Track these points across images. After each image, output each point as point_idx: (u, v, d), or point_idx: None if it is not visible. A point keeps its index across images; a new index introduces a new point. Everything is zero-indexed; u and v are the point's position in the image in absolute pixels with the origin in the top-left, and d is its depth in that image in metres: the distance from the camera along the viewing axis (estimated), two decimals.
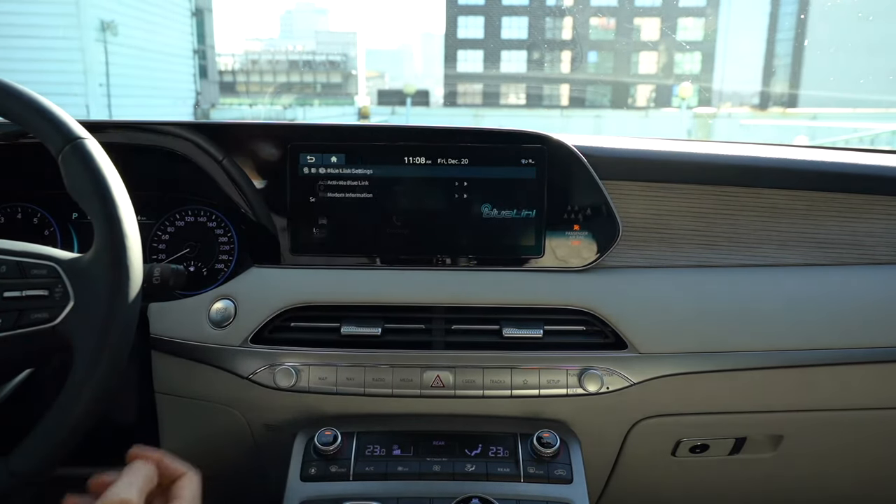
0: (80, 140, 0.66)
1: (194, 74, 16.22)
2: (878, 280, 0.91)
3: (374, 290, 0.86)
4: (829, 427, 0.94)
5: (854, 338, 0.88)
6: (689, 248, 0.92)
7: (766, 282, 0.90)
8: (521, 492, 0.77)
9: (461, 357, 0.85)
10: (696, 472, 0.99)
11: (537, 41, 31.43)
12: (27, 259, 0.66)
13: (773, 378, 0.87)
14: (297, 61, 51.34)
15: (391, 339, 0.86)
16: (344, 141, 0.87)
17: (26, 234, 0.98)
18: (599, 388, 0.84)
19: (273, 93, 47.91)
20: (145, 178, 0.90)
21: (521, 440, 0.83)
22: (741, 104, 26.82)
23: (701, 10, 33.79)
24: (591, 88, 30.97)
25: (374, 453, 0.81)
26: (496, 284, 0.87)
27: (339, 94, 45.08)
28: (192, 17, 16.21)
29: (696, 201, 0.91)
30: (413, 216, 0.88)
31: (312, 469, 0.79)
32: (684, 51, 34.68)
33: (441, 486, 0.78)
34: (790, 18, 25.89)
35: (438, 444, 0.83)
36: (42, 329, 0.65)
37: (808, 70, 22.78)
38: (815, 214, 0.93)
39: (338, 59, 52.19)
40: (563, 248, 0.88)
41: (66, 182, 0.66)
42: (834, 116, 13.81)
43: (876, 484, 1.05)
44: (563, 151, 0.87)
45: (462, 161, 0.87)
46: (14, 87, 0.67)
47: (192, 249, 0.97)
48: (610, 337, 0.86)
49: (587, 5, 31.94)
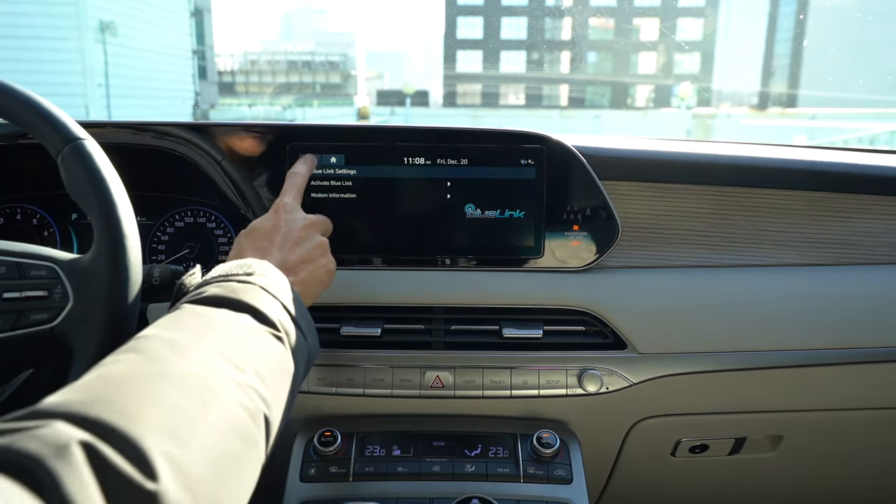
0: (80, 141, 0.66)
1: (193, 75, 16.23)
2: (877, 280, 0.92)
3: (373, 291, 0.86)
4: (828, 427, 0.95)
5: (853, 338, 0.88)
6: (688, 249, 0.92)
7: (765, 282, 0.90)
8: (520, 492, 0.77)
9: (461, 357, 0.85)
10: (695, 472, 0.99)
11: (536, 41, 31.42)
12: (27, 260, 0.66)
13: (772, 378, 0.87)
14: (296, 62, 51.32)
15: (391, 339, 0.86)
16: (343, 141, 0.87)
17: (26, 235, 0.98)
18: (599, 388, 0.84)
19: (272, 93, 47.89)
20: (145, 178, 0.90)
21: (520, 440, 0.83)
22: (740, 104, 26.85)
23: (700, 11, 33.81)
24: (591, 89, 30.99)
25: (373, 454, 0.81)
26: (496, 285, 0.88)
27: (338, 95, 45.07)
28: (192, 18, 16.22)
29: (695, 201, 0.91)
30: (412, 216, 0.88)
31: (312, 469, 0.79)
32: (683, 51, 34.70)
33: (441, 487, 0.78)
34: (789, 19, 25.91)
35: (438, 444, 0.83)
36: (41, 330, 0.65)
37: (807, 70, 22.80)
38: (813, 214, 0.93)
39: (337, 60, 52.18)
40: (562, 249, 0.88)
41: (65, 183, 0.66)
42: (833, 116, 13.83)
43: (875, 484, 1.05)
44: (562, 152, 0.87)
45: (461, 161, 0.87)
46: (13, 88, 0.67)
47: (191, 250, 0.97)
48: (609, 337, 0.86)
49: (586, 6, 31.96)
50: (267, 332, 0.54)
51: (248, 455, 0.45)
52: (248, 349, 0.50)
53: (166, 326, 0.50)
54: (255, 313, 0.54)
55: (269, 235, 0.71)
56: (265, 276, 0.60)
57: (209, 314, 0.53)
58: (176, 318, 0.51)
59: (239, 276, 0.59)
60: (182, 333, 0.48)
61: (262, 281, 0.59)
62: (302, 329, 0.59)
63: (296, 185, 0.80)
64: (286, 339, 0.56)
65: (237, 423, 0.44)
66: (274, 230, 0.71)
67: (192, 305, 0.54)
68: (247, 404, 0.46)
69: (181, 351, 0.46)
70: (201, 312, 0.53)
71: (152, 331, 0.48)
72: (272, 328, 0.55)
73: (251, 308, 0.55)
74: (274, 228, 0.71)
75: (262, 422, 0.47)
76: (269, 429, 0.48)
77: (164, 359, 0.44)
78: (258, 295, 0.56)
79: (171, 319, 0.51)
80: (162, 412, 0.39)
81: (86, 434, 0.34)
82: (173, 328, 0.49)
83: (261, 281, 0.59)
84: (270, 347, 0.53)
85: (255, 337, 0.53)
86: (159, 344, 0.46)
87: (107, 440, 0.34)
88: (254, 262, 0.62)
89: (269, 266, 0.63)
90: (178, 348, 0.46)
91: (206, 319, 0.52)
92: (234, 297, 0.55)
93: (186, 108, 15.64)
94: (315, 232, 0.74)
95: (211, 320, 0.52)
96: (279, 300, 0.58)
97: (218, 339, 0.49)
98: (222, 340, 0.49)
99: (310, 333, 0.61)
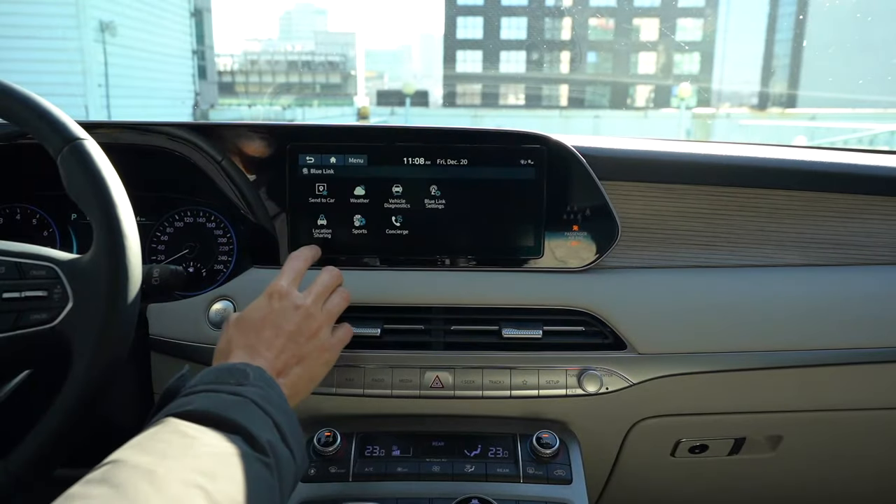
0: (79, 141, 0.66)
1: (193, 75, 16.22)
2: (877, 280, 0.92)
3: (373, 291, 0.86)
4: (828, 427, 0.95)
5: (853, 338, 0.88)
6: (687, 249, 0.92)
7: (764, 282, 0.90)
8: (520, 492, 0.77)
9: (460, 358, 0.85)
10: (695, 472, 0.99)
11: (536, 42, 31.42)
12: (26, 260, 0.66)
13: (772, 378, 0.87)
14: (296, 62, 51.32)
15: (390, 339, 0.86)
16: (343, 141, 0.87)
17: (25, 235, 0.98)
18: (599, 388, 0.84)
19: (272, 93, 47.89)
20: (144, 178, 0.90)
21: (520, 441, 0.83)
22: (740, 104, 26.87)
23: (700, 11, 33.82)
24: (590, 89, 30.99)
25: (373, 454, 0.81)
26: (495, 285, 0.87)
27: (338, 95, 45.08)
28: (191, 18, 16.21)
29: (695, 202, 0.91)
30: (412, 216, 0.88)
31: (312, 470, 0.79)
32: (683, 51, 34.70)
33: (440, 487, 0.78)
34: (789, 19, 25.92)
35: (438, 444, 0.83)
36: (41, 330, 0.65)
37: (807, 70, 22.81)
38: (813, 215, 0.93)
39: (337, 60, 52.18)
40: (562, 249, 0.88)
41: (64, 183, 0.66)
42: (832, 117, 13.84)
43: (876, 484, 1.05)
44: (562, 152, 0.87)
45: (461, 161, 0.87)
46: (13, 88, 0.67)
47: (191, 250, 0.97)
48: (609, 337, 0.86)
49: (586, 6, 31.96)
50: (256, 459, 0.50)
51: None
52: (233, 482, 0.46)
53: (144, 448, 0.46)
54: (244, 435, 0.51)
55: (258, 329, 0.67)
56: (257, 387, 0.57)
57: (193, 435, 0.49)
58: (156, 434, 0.48)
59: (230, 384, 0.56)
60: (162, 462, 0.44)
61: (255, 394, 0.56)
62: (291, 448, 0.56)
63: (294, 268, 0.75)
64: (274, 467, 0.52)
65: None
66: (263, 323, 0.67)
67: (176, 420, 0.50)
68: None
69: (157, 485, 0.42)
70: (185, 431, 0.49)
71: (129, 454, 0.45)
72: (262, 454, 0.51)
73: (241, 429, 0.51)
74: (263, 321, 0.68)
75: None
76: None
77: (137, 493, 0.41)
78: (249, 411, 0.53)
79: (150, 436, 0.48)
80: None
81: None
82: (152, 451, 0.46)
83: (253, 394, 0.55)
84: (257, 479, 0.49)
85: (242, 467, 0.48)
86: (135, 475, 0.43)
87: None
88: (247, 367, 0.59)
89: (262, 372, 0.60)
90: (154, 480, 0.42)
91: (190, 441, 0.48)
92: (223, 416, 0.51)
93: (186, 108, 15.63)
94: (313, 318, 0.70)
95: (194, 442, 0.48)
96: (271, 417, 0.55)
97: (199, 469, 0.45)
98: (205, 471, 0.45)
99: (298, 450, 0.58)
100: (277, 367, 0.65)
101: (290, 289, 0.72)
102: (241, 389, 0.55)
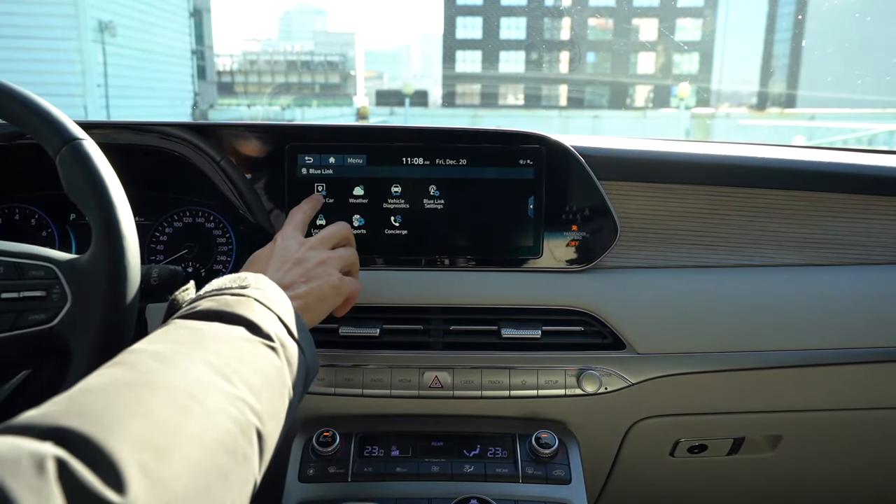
0: (78, 141, 0.66)
1: (192, 75, 16.23)
2: (876, 280, 0.92)
3: (372, 291, 0.86)
4: (827, 427, 0.95)
5: (852, 338, 0.88)
6: (687, 249, 0.92)
7: (763, 282, 0.90)
8: (519, 492, 0.77)
9: (460, 358, 0.85)
10: (694, 472, 0.99)
11: (535, 42, 31.43)
12: (25, 260, 0.66)
13: (771, 378, 0.87)
14: (295, 62, 51.31)
15: (389, 339, 0.86)
16: (342, 141, 0.87)
17: (24, 235, 0.98)
18: (598, 388, 0.84)
19: (271, 93, 47.89)
20: (143, 179, 0.90)
21: (519, 441, 0.83)
22: (739, 104, 26.87)
23: (699, 11, 33.83)
24: (590, 89, 30.99)
25: (372, 454, 0.81)
26: (494, 285, 0.87)
27: (337, 95, 45.08)
28: (191, 18, 16.22)
29: (694, 202, 0.91)
30: (411, 217, 0.88)
31: (311, 470, 0.79)
32: (682, 51, 34.72)
33: (440, 487, 0.78)
34: (788, 19, 25.93)
35: (437, 444, 0.83)
36: (40, 330, 0.65)
37: (806, 70, 22.80)
38: (812, 215, 0.93)
39: (336, 60, 52.16)
40: (561, 249, 0.88)
41: (63, 183, 0.66)
42: (832, 117, 13.84)
43: (874, 484, 1.05)
44: (561, 152, 0.87)
45: (460, 161, 0.87)
46: (11, 88, 0.67)
47: (190, 250, 0.97)
48: (608, 337, 0.86)
49: (585, 6, 31.96)
50: (261, 343, 0.52)
51: (237, 471, 0.42)
52: (239, 360, 0.49)
53: (154, 340, 0.48)
54: (248, 325, 0.53)
55: (266, 259, 0.70)
56: (261, 289, 0.58)
57: (199, 327, 0.51)
58: (165, 332, 0.50)
59: (233, 289, 0.57)
60: (169, 345, 0.47)
61: (258, 293, 0.57)
62: (299, 343, 0.57)
63: (295, 219, 0.78)
64: (281, 351, 0.53)
65: (225, 437, 0.42)
66: (270, 255, 0.71)
67: (182, 320, 0.53)
68: (236, 417, 0.44)
69: (166, 361, 0.44)
70: (191, 326, 0.51)
71: (140, 345, 0.47)
72: (267, 339, 0.53)
73: (245, 320, 0.53)
74: (270, 256, 0.71)
75: (253, 436, 0.45)
76: (263, 444, 0.46)
77: (147, 369, 0.43)
78: (253, 307, 0.55)
79: (159, 333, 0.50)
80: (141, 422, 0.37)
81: (56, 447, 0.32)
82: (161, 341, 0.48)
83: (256, 293, 0.57)
84: (264, 359, 0.51)
85: (248, 348, 0.51)
86: (144, 356, 0.45)
87: (78, 451, 0.33)
88: (249, 275, 0.61)
89: (266, 279, 0.61)
90: (163, 359, 0.44)
91: (196, 332, 0.50)
92: (226, 310, 0.53)
93: (185, 109, 15.63)
94: (318, 251, 0.72)
95: (201, 333, 0.50)
96: (275, 312, 0.56)
97: (206, 351, 0.47)
98: (211, 351, 0.47)
99: (308, 349, 0.59)
100: (284, 283, 0.65)
101: (294, 232, 0.75)
102: (243, 291, 0.57)
